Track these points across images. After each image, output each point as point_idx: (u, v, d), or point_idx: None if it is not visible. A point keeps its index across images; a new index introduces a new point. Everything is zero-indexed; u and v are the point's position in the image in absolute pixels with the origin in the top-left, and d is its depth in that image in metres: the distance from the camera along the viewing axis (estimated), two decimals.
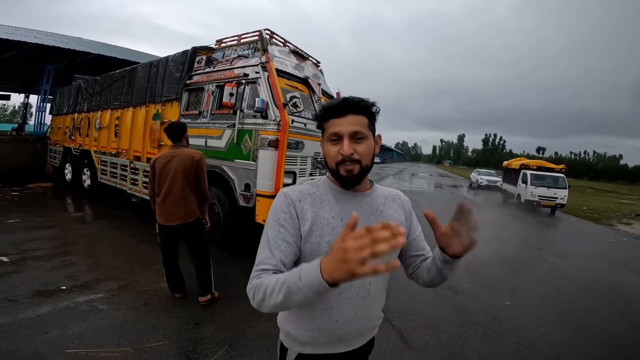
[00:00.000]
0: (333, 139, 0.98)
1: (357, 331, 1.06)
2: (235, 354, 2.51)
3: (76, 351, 2.35)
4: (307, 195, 1.04)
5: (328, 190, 1.06)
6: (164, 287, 3.53)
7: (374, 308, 1.08)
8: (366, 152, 0.99)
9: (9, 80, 15.96)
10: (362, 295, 1.03)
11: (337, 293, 0.99)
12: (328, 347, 1.05)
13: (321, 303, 1.01)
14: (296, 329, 1.06)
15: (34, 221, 5.80)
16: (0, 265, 3.76)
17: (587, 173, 73.19)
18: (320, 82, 5.71)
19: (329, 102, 1.03)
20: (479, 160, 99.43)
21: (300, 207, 1.02)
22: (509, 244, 7.59)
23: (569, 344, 3.20)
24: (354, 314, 1.03)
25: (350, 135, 0.96)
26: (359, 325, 1.05)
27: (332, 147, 0.99)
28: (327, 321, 1.02)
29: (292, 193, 1.04)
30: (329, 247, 0.90)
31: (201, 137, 5.17)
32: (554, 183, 13.19)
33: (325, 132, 1.01)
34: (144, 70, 6.64)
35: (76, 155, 9.01)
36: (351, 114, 0.97)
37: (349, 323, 1.03)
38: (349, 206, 1.03)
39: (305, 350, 1.06)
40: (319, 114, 1.04)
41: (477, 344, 3.04)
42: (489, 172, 25.19)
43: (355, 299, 1.02)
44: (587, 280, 5.21)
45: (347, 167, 0.97)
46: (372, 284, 1.04)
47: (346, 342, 1.06)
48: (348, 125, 0.96)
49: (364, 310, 1.04)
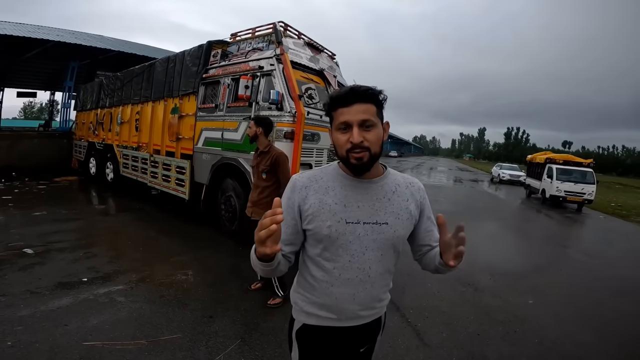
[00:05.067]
0: (342, 127, 1.01)
1: (357, 311, 1.11)
2: (247, 348, 2.50)
3: (93, 343, 2.39)
4: (313, 182, 1.10)
5: (335, 177, 1.10)
6: (180, 280, 3.57)
7: (374, 291, 1.12)
8: (375, 140, 1.01)
9: (35, 78, 16.57)
10: (362, 278, 1.08)
11: (337, 274, 1.08)
12: (329, 321, 1.12)
13: (323, 281, 1.09)
14: (302, 300, 1.15)
15: (59, 213, 5.98)
16: (25, 257, 3.88)
17: (615, 168, 69.94)
18: (336, 74, 5.62)
19: (336, 91, 1.05)
20: (501, 155, 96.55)
21: (304, 193, 1.09)
22: (532, 241, 7.37)
23: (595, 345, 3.06)
24: (353, 295, 1.09)
25: (359, 123, 0.99)
26: (358, 306, 1.10)
27: (341, 136, 1.01)
28: (328, 298, 1.09)
29: (300, 180, 1.12)
30: (330, 231, 1.04)
31: (218, 129, 5.19)
32: (582, 178, 12.66)
33: (334, 121, 1.04)
34: (161, 65, 6.73)
35: (100, 150, 9.28)
36: (359, 102, 0.99)
37: (347, 302, 1.09)
38: (353, 192, 1.08)
39: (309, 321, 1.14)
40: (327, 103, 1.06)
41: (497, 343, 2.93)
42: (511, 166, 24.54)
43: (354, 281, 1.08)
44: (617, 280, 4.96)
45: (357, 155, 1.00)
46: (371, 268, 1.09)
47: (346, 319, 1.12)
48: (357, 114, 0.99)
49: (363, 292, 1.09)
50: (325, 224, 1.05)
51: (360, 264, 1.07)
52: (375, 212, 1.07)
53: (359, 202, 1.06)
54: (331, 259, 1.08)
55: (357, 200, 1.06)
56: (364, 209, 1.06)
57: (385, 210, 1.08)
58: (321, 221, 1.05)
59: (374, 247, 1.07)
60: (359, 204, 1.06)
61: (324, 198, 1.07)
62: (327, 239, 1.05)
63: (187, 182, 5.74)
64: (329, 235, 1.05)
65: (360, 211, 1.06)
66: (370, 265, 1.08)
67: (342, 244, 1.05)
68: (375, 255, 1.08)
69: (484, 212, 10.06)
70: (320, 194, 1.07)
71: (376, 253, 1.08)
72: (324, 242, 1.07)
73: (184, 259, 4.16)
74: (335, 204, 1.06)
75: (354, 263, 1.07)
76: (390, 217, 1.08)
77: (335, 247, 1.06)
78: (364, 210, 1.06)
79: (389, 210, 1.08)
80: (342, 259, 1.07)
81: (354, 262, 1.07)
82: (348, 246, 1.06)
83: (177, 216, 6.30)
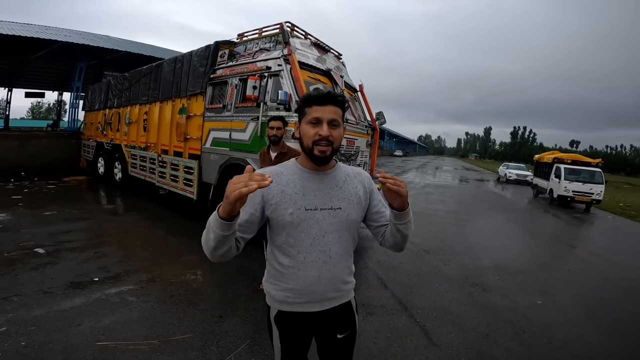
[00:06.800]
0: (314, 122, 1.15)
1: (324, 292, 1.23)
2: (257, 348, 2.52)
3: (106, 343, 2.42)
4: (275, 176, 1.20)
5: (294, 171, 1.24)
6: (190, 280, 3.60)
7: (337, 272, 1.24)
8: (338, 137, 1.18)
9: (43, 79, 16.74)
10: (324, 259, 1.21)
11: (302, 257, 1.19)
12: (301, 306, 1.23)
13: (290, 267, 1.21)
14: (274, 289, 1.25)
15: (69, 213, 6.05)
16: (37, 256, 3.94)
17: (623, 168, 69.20)
18: (343, 74, 5.63)
19: (314, 92, 1.19)
20: (507, 154, 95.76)
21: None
22: (540, 241, 7.32)
23: (604, 345, 3.04)
24: (318, 277, 1.20)
25: (329, 121, 1.15)
26: (325, 287, 1.22)
27: (311, 129, 1.16)
28: (297, 282, 1.20)
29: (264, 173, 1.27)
30: (292, 217, 1.17)
31: (225, 130, 5.22)
32: (590, 178, 12.53)
33: (305, 115, 1.18)
34: (169, 66, 6.77)
35: (108, 150, 9.36)
36: (332, 104, 1.16)
37: (314, 284, 1.21)
38: (310, 183, 1.22)
39: (283, 308, 1.24)
40: (303, 99, 1.21)
41: (506, 343, 2.92)
42: (518, 165, 24.34)
43: (317, 263, 1.20)
44: (626, 280, 4.92)
45: (321, 148, 1.15)
46: (332, 249, 1.21)
47: (316, 303, 1.23)
48: (329, 113, 1.15)
49: (327, 273, 1.21)
50: (287, 212, 1.17)
51: (322, 246, 1.20)
52: (330, 199, 1.21)
53: (316, 191, 1.20)
54: (295, 245, 1.19)
55: (314, 190, 1.21)
56: (320, 197, 1.20)
57: (338, 197, 1.22)
58: (284, 209, 1.17)
59: (331, 229, 1.20)
60: (315, 193, 1.20)
61: (285, 189, 1.19)
62: (290, 225, 1.18)
63: (195, 182, 5.78)
64: (292, 221, 1.17)
65: (317, 199, 1.20)
66: (330, 247, 1.21)
67: (303, 229, 1.18)
68: (333, 237, 1.21)
69: (491, 212, 10.02)
70: (282, 185, 1.20)
71: (334, 235, 1.21)
72: (287, 228, 1.19)
73: (193, 259, 4.19)
74: (295, 193, 1.19)
75: (315, 246, 1.19)
76: (343, 203, 1.22)
77: (298, 232, 1.18)
78: (320, 198, 1.20)
79: (341, 197, 1.23)
80: (305, 242, 1.19)
81: (316, 245, 1.19)
82: (309, 231, 1.18)
83: (185, 216, 6.35)
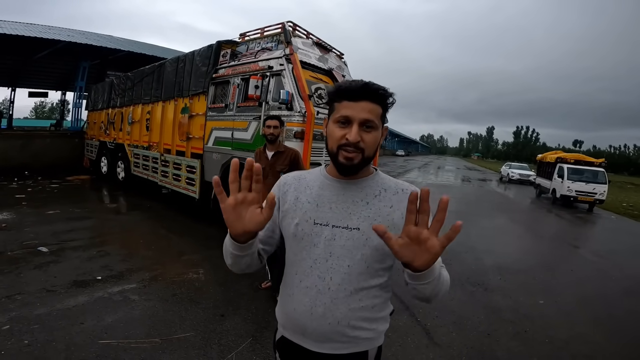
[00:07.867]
0: (342, 121, 0.92)
1: (319, 331, 0.95)
2: (259, 346, 2.53)
3: (108, 342, 2.43)
4: (296, 180, 1.05)
5: (317, 177, 1.04)
6: (192, 278, 3.62)
7: (336, 310, 0.94)
8: (372, 142, 0.93)
9: (46, 78, 16.78)
10: (320, 289, 0.95)
11: (298, 280, 0.98)
12: (296, 337, 1.00)
13: (287, 287, 1.02)
14: (277, 310, 1.08)
15: (73, 212, 6.08)
16: (40, 255, 3.96)
17: (627, 168, 68.84)
18: (345, 73, 5.63)
19: (346, 82, 0.95)
20: (510, 154, 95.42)
21: (285, 189, 1.05)
22: (543, 241, 7.29)
23: (606, 345, 3.03)
24: (310, 309, 0.95)
25: (361, 122, 0.90)
26: (318, 324, 0.94)
27: (338, 129, 0.92)
28: (289, 307, 1.00)
29: (287, 177, 1.09)
30: (296, 230, 0.97)
31: (228, 129, 5.24)
32: (593, 178, 12.46)
33: (334, 112, 0.95)
34: (171, 65, 6.80)
35: (111, 149, 9.42)
36: (367, 100, 0.90)
37: (304, 316, 0.95)
38: (327, 192, 0.99)
39: (285, 333, 1.04)
40: (332, 92, 0.96)
41: (507, 342, 2.92)
42: (521, 165, 24.30)
43: (312, 290, 0.95)
44: (629, 280, 4.90)
45: (348, 155, 0.91)
46: (332, 279, 0.94)
47: (311, 339, 0.97)
48: (361, 112, 0.90)
49: (320, 308, 0.94)
50: (293, 222, 0.98)
51: (321, 271, 0.95)
52: (348, 215, 0.95)
53: (332, 203, 0.97)
54: (294, 263, 1.00)
55: (331, 202, 0.97)
56: (336, 211, 0.96)
57: (359, 215, 0.95)
58: (291, 218, 0.99)
59: (339, 254, 0.94)
60: (331, 205, 0.96)
61: (300, 196, 1.01)
62: (293, 238, 0.99)
63: (197, 181, 5.80)
64: (295, 234, 0.98)
65: (331, 212, 0.96)
66: (332, 275, 0.94)
67: (306, 246, 0.97)
68: (339, 264, 0.94)
69: (494, 212, 9.99)
70: (299, 192, 1.02)
71: (341, 262, 0.94)
72: (289, 241, 1.01)
73: (195, 258, 4.21)
74: (309, 202, 0.99)
75: (314, 269, 0.95)
76: (364, 223, 0.93)
77: (299, 249, 0.98)
78: (336, 212, 0.96)
79: (364, 215, 0.95)
80: (305, 262, 0.97)
81: (315, 269, 0.95)
82: (312, 249, 0.96)
83: (188, 215, 6.36)
